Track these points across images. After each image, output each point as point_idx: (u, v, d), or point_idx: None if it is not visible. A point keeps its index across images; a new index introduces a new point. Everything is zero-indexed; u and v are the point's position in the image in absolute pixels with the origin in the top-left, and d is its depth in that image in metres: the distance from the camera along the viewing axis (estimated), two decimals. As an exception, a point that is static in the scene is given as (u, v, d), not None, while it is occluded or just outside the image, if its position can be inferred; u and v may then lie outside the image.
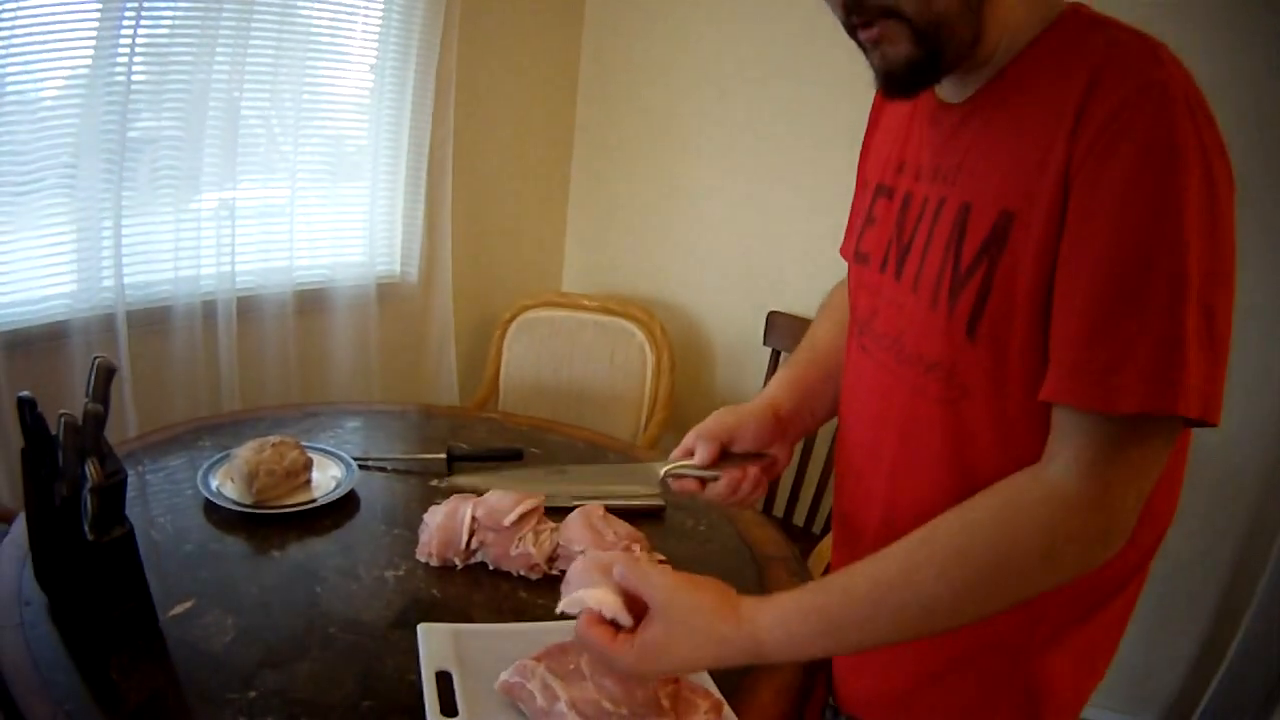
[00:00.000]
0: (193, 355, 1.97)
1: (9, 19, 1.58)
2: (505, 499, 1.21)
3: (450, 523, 1.20)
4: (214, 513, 1.27)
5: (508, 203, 2.67)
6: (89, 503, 0.92)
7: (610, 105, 2.69)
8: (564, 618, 1.06)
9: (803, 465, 2.19)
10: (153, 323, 1.91)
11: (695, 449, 0.96)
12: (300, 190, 2.12)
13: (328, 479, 1.39)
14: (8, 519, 1.25)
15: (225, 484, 1.32)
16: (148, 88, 1.80)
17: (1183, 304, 0.65)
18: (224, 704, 0.90)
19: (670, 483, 0.97)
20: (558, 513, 1.24)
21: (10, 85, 1.62)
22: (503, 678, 0.90)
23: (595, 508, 1.23)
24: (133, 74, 1.74)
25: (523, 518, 1.19)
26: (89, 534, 0.92)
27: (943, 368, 0.80)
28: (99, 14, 1.67)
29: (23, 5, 1.59)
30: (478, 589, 1.16)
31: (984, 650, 0.85)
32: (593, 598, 0.80)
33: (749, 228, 2.48)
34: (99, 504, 0.92)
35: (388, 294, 2.36)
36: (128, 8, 1.69)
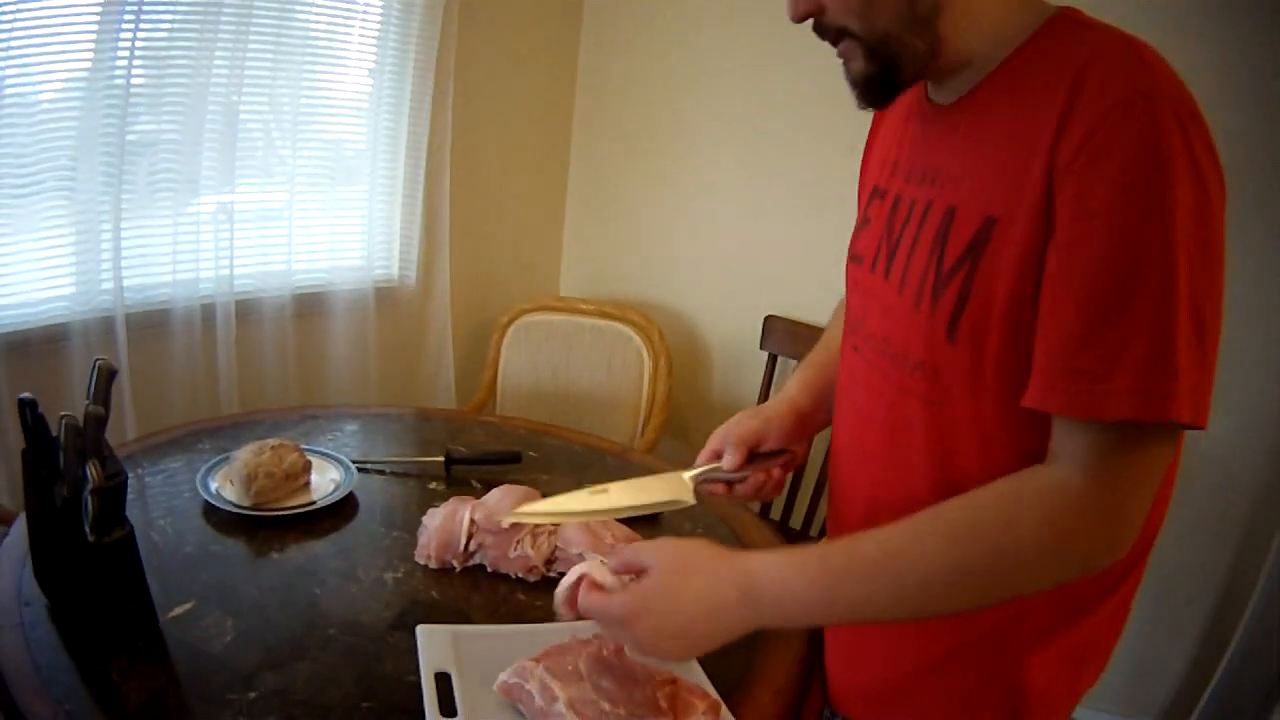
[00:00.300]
0: (191, 358, 1.97)
1: (8, 22, 1.58)
2: (504, 501, 1.22)
3: (449, 525, 1.20)
4: (213, 515, 1.28)
5: (505, 207, 2.67)
6: (90, 504, 0.92)
7: (608, 109, 2.70)
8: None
9: (799, 468, 2.19)
10: (151, 325, 1.92)
11: (724, 454, 0.98)
12: (298, 194, 2.13)
13: (326, 481, 1.39)
14: (7, 520, 1.25)
15: (224, 486, 1.33)
16: (147, 91, 1.81)
17: (1173, 311, 0.65)
18: (224, 705, 0.90)
19: (701, 488, 0.98)
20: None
21: (10, 88, 1.62)
22: (501, 678, 0.90)
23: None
24: (132, 77, 1.74)
25: (521, 520, 1.19)
26: (90, 535, 0.92)
27: (927, 368, 0.81)
28: (98, 17, 1.67)
29: (22, 8, 1.59)
30: (476, 591, 1.17)
31: (969, 647, 0.86)
32: (584, 568, 0.84)
33: (746, 232, 2.48)
34: (100, 505, 0.92)
35: (386, 297, 2.37)
36: (127, 11, 1.69)
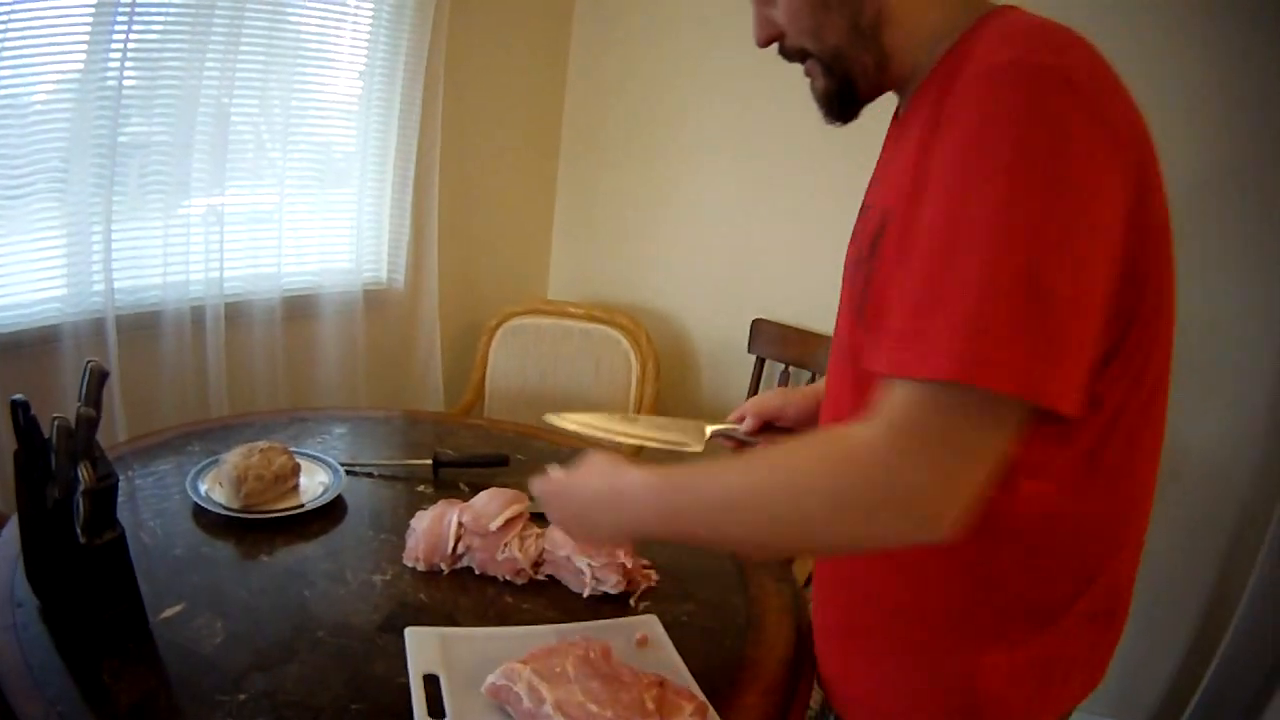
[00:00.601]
0: (181, 360, 1.97)
1: (1, 24, 1.58)
2: (491, 504, 1.23)
3: (437, 528, 1.21)
4: (203, 517, 1.28)
5: (494, 210, 2.68)
6: (81, 506, 0.93)
7: (597, 113, 2.71)
8: (549, 622, 1.08)
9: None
10: (142, 328, 1.92)
11: (745, 417, 1.16)
12: (288, 197, 2.13)
13: (315, 484, 1.40)
14: (-2, 522, 1.25)
15: (214, 489, 1.33)
16: (138, 93, 1.81)
17: (1001, 277, 0.62)
18: (214, 706, 0.91)
19: (716, 439, 1.15)
20: (544, 518, 1.25)
21: (1, 89, 1.62)
22: (489, 680, 0.92)
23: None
24: (124, 79, 1.75)
25: (509, 523, 1.20)
26: (81, 537, 0.93)
27: (852, 356, 0.84)
28: (91, 19, 1.67)
29: (14, 9, 1.59)
30: (464, 593, 1.18)
31: (923, 647, 0.87)
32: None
33: (734, 236, 2.50)
34: (91, 507, 0.93)
35: (374, 300, 2.37)
36: (119, 13, 1.69)
